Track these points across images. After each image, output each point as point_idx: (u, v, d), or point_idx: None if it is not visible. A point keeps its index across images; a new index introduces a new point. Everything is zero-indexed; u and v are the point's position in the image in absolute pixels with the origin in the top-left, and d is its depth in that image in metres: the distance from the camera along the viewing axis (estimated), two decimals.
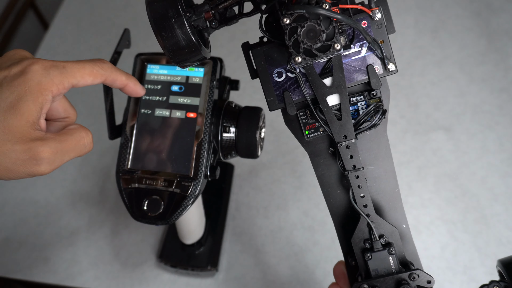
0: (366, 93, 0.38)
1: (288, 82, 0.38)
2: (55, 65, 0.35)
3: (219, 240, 0.61)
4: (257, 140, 0.47)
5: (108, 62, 0.39)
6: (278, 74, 0.38)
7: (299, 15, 0.33)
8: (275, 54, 0.38)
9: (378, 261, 0.38)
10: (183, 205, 0.45)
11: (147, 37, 0.87)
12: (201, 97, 0.46)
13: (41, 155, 0.33)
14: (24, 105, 0.33)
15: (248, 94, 0.77)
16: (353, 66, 0.37)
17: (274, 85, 0.38)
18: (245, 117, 0.47)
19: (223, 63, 0.48)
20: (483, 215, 0.63)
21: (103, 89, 0.45)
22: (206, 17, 0.38)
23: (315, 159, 0.40)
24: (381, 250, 0.38)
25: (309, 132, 0.39)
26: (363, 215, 0.38)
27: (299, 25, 0.33)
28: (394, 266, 0.38)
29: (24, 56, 0.36)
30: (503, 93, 0.75)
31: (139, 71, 0.48)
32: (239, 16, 0.39)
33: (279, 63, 0.38)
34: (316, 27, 0.33)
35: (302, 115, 0.39)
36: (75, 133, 0.36)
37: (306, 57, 0.34)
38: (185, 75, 0.48)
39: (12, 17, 1.13)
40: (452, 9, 0.85)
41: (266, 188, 0.68)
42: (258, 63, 0.38)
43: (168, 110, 0.47)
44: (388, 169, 0.39)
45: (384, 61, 0.36)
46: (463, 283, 0.59)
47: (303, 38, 0.33)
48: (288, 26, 0.33)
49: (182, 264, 0.59)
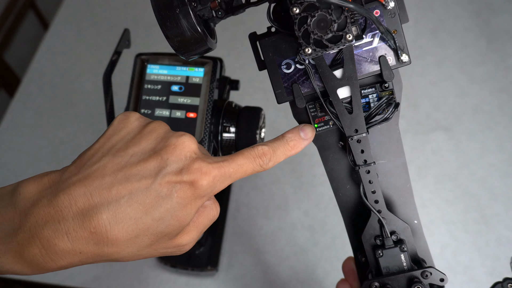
0: (378, 85, 0.37)
1: (297, 74, 0.37)
2: (221, 176, 0.31)
3: (219, 240, 0.61)
4: (257, 140, 0.47)
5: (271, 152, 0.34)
6: (286, 66, 0.37)
7: (309, 4, 0.31)
8: (283, 45, 0.36)
9: (389, 258, 0.37)
10: None
11: (147, 37, 0.87)
12: (201, 97, 0.46)
13: (183, 243, 0.31)
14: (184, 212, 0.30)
15: (248, 94, 0.78)
16: (365, 57, 0.36)
17: (283, 77, 0.37)
18: (245, 117, 0.47)
19: (223, 63, 0.48)
20: (483, 215, 0.63)
21: (103, 89, 0.45)
22: (212, 6, 0.36)
23: (324, 153, 0.39)
24: (393, 247, 0.37)
25: (318, 125, 0.38)
26: (374, 211, 0.37)
27: (309, 14, 0.31)
28: (406, 263, 0.37)
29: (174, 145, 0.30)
30: (503, 93, 0.75)
31: (139, 71, 0.48)
32: (246, 5, 0.37)
33: (288, 54, 0.36)
34: (327, 16, 0.31)
35: (311, 108, 0.38)
36: (207, 210, 0.33)
37: (317, 48, 0.32)
38: (185, 75, 0.48)
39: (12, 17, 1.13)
40: (452, 9, 0.85)
41: (266, 188, 0.68)
42: (266, 54, 0.37)
43: (168, 110, 0.47)
44: (400, 163, 0.38)
45: (397, 52, 0.35)
46: (463, 283, 0.59)
47: (313, 28, 0.32)
48: (297, 15, 0.32)
49: (182, 264, 0.59)
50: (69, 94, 0.81)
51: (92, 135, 0.75)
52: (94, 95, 0.79)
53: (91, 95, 0.79)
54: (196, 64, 0.47)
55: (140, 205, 0.28)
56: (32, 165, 0.73)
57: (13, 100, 0.81)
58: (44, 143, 0.75)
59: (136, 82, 0.48)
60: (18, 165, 0.73)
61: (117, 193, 0.28)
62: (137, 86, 0.48)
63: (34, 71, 0.84)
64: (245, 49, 0.83)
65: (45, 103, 0.80)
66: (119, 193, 0.28)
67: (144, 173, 0.29)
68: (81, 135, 0.75)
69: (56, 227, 0.27)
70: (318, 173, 0.68)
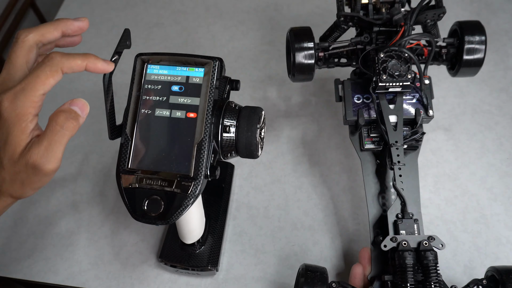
0: (409, 126, 0.56)
1: (362, 105, 0.56)
2: (16, 93, 0.39)
3: (219, 240, 0.61)
4: (257, 140, 0.47)
5: (56, 53, 0.41)
6: (357, 98, 0.56)
7: (389, 54, 0.51)
8: (358, 86, 0.56)
9: (405, 225, 0.51)
10: (184, 205, 0.45)
11: (147, 37, 0.87)
12: (201, 97, 0.46)
13: (34, 159, 0.40)
14: (14, 137, 0.40)
15: (248, 94, 0.78)
16: (407, 105, 0.55)
17: (353, 104, 0.56)
18: (245, 117, 0.47)
19: (223, 63, 0.48)
20: (482, 215, 0.64)
21: (103, 89, 0.45)
22: (319, 55, 0.57)
23: (365, 164, 0.56)
24: (410, 219, 0.51)
25: (367, 143, 0.56)
26: (401, 193, 0.51)
27: (388, 59, 0.51)
28: (417, 231, 0.51)
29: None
30: (502, 93, 0.75)
31: (139, 71, 0.48)
32: (336, 65, 0.59)
33: (360, 92, 0.56)
34: (399, 63, 0.51)
35: (364, 130, 0.56)
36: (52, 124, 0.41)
37: (388, 78, 0.51)
38: (185, 75, 0.48)
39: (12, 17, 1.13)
40: (452, 9, 0.86)
41: (266, 188, 0.68)
42: (347, 90, 0.56)
43: (169, 110, 0.47)
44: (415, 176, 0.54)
45: (427, 108, 0.55)
46: (462, 283, 0.59)
47: (389, 67, 0.51)
48: (381, 58, 0.51)
49: (182, 264, 0.59)
50: (69, 94, 0.81)
51: (92, 135, 0.75)
52: (94, 95, 0.79)
53: (91, 95, 0.79)
54: (196, 64, 0.47)
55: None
56: None
57: None
58: None
59: (136, 82, 0.48)
60: None
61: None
62: (137, 86, 0.48)
63: None
64: (245, 49, 0.83)
65: (45, 103, 0.80)
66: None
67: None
68: (81, 135, 0.75)
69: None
70: (318, 173, 0.68)
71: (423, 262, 0.48)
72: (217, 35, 0.86)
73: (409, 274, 0.48)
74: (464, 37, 0.54)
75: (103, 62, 0.43)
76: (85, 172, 0.72)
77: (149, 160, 0.46)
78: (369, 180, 0.56)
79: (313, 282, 0.49)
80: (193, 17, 0.89)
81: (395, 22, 0.52)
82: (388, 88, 0.52)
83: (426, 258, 0.48)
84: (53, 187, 0.70)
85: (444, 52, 0.57)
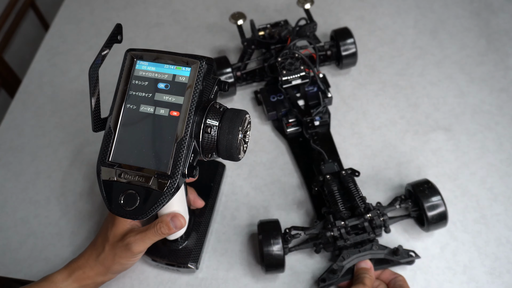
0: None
1: (277, 102, 0.72)
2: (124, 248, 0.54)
3: (202, 237, 0.61)
4: (237, 143, 0.46)
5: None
6: (272, 98, 0.73)
7: (285, 57, 0.71)
8: (271, 88, 0.74)
9: (328, 168, 0.63)
10: (159, 202, 0.45)
11: (147, 37, 0.87)
12: (185, 96, 0.46)
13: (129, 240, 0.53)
14: (119, 222, 0.55)
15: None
16: (311, 94, 0.72)
17: (270, 103, 0.72)
18: (228, 119, 0.47)
19: (213, 63, 0.48)
20: (482, 215, 0.64)
21: (89, 83, 0.46)
22: (237, 74, 0.75)
23: (292, 144, 0.70)
24: (330, 163, 0.64)
25: (289, 128, 0.71)
26: (318, 148, 0.66)
27: (284, 60, 0.71)
28: (336, 168, 0.64)
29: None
30: (502, 93, 0.75)
31: (128, 66, 0.48)
32: (253, 81, 0.78)
33: (272, 93, 0.73)
34: (293, 61, 0.70)
35: (284, 119, 0.71)
36: (155, 225, 0.53)
37: (287, 72, 0.70)
38: (172, 73, 0.47)
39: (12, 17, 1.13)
40: (452, 9, 0.86)
41: (266, 188, 0.68)
42: (263, 94, 0.74)
43: (153, 107, 0.47)
44: (330, 140, 0.70)
45: (325, 91, 0.71)
46: (462, 283, 0.59)
47: (288, 66, 0.70)
48: (279, 61, 0.70)
49: (162, 259, 0.59)
50: (69, 94, 0.81)
51: (92, 135, 0.75)
52: None
53: None
54: (183, 63, 0.47)
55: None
56: (32, 165, 0.73)
57: (13, 100, 0.81)
58: (44, 143, 0.75)
59: (124, 77, 0.48)
60: (18, 165, 0.73)
61: None
62: (124, 81, 0.48)
63: (34, 71, 0.84)
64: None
65: (45, 103, 0.80)
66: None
67: None
68: (81, 135, 0.75)
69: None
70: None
71: (346, 186, 0.59)
72: (212, 38, 0.86)
73: (337, 196, 0.58)
74: (338, 41, 0.74)
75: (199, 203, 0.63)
76: (85, 172, 0.72)
77: (130, 155, 0.46)
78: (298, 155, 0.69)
79: (270, 232, 0.58)
80: (193, 17, 0.90)
81: (284, 37, 0.74)
82: (291, 81, 0.69)
83: (347, 181, 0.59)
84: (53, 187, 0.70)
85: (329, 54, 0.75)
